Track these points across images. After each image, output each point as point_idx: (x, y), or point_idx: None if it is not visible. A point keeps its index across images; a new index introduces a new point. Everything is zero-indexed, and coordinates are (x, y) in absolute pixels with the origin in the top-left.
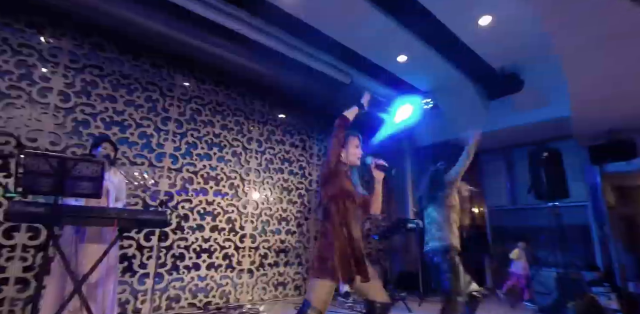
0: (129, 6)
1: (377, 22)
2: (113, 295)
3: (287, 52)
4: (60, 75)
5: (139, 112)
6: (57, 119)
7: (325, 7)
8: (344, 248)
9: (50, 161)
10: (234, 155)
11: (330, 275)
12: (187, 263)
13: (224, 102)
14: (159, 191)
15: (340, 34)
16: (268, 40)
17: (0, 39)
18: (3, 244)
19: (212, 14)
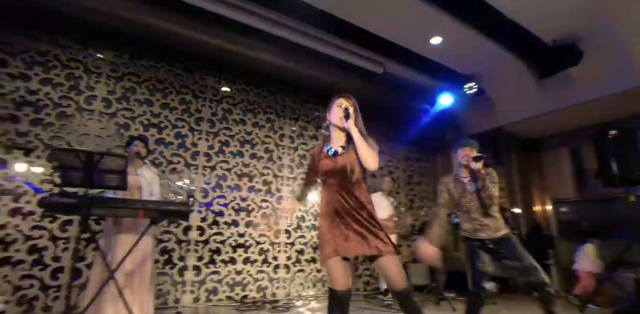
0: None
1: (403, 3)
2: (149, 284)
3: (316, 47)
4: (102, 84)
5: (173, 114)
6: (101, 123)
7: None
8: (328, 229)
9: (79, 156)
10: (266, 152)
11: (322, 254)
12: (223, 257)
13: (255, 101)
14: (195, 188)
15: (367, 22)
16: (295, 36)
17: (52, 56)
18: (58, 237)
19: (240, 15)
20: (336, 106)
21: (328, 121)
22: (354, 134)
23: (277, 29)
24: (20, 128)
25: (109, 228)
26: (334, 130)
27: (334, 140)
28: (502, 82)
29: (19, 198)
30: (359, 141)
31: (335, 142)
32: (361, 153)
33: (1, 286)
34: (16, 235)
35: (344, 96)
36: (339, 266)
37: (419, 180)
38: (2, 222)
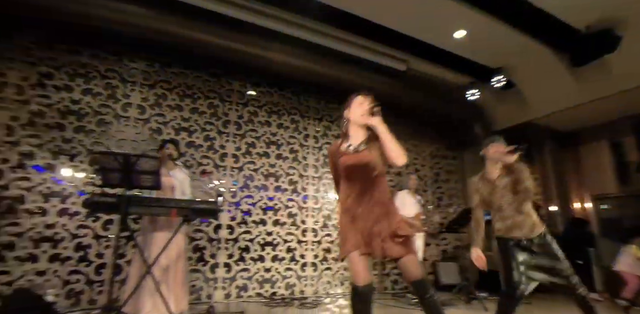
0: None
1: None
2: (183, 278)
3: (338, 47)
4: (137, 92)
5: (202, 118)
6: (136, 129)
7: None
8: (347, 224)
9: (117, 158)
10: (291, 152)
11: (342, 250)
12: (252, 255)
13: (279, 103)
14: (224, 190)
15: (389, 19)
16: (316, 37)
17: (92, 67)
18: (101, 235)
19: (261, 19)
20: (357, 103)
21: (347, 118)
22: (382, 130)
23: (299, 31)
24: (66, 135)
25: (145, 227)
26: (352, 127)
27: (353, 137)
28: (533, 74)
29: (65, 200)
30: (387, 137)
31: (354, 139)
32: (390, 149)
33: (52, 280)
34: (64, 234)
35: (363, 93)
36: (359, 261)
37: (447, 178)
38: (51, 222)
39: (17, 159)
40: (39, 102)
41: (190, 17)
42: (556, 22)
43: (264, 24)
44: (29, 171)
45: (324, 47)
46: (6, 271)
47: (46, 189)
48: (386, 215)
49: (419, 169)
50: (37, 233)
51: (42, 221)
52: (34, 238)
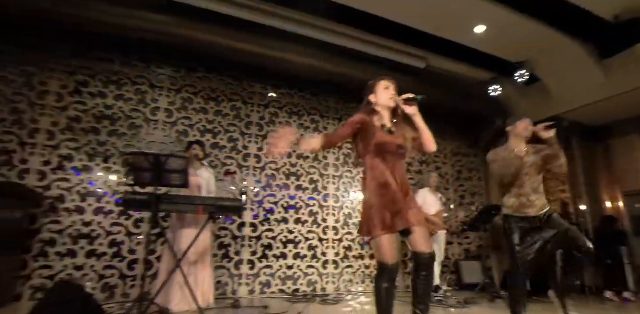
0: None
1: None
2: (210, 272)
3: (356, 47)
4: (164, 97)
5: (226, 120)
6: (164, 131)
7: None
8: (379, 203)
9: (149, 158)
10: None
11: (372, 231)
12: (275, 252)
13: (299, 104)
14: (247, 188)
15: (407, 17)
16: (334, 37)
17: (123, 74)
18: (133, 232)
19: (280, 22)
20: (383, 88)
21: (372, 102)
22: (420, 120)
23: (316, 33)
24: (100, 139)
25: (174, 224)
26: (381, 109)
27: (382, 118)
28: (558, 67)
29: (100, 199)
30: (424, 126)
31: (384, 121)
32: (427, 137)
33: (89, 274)
34: (99, 231)
35: (387, 78)
36: (390, 242)
37: (469, 175)
38: (88, 220)
39: (57, 162)
40: (76, 109)
41: (212, 24)
42: (582, 12)
43: (283, 27)
44: (68, 172)
45: (342, 47)
46: (49, 265)
47: (83, 189)
48: (408, 191)
49: (440, 167)
50: (76, 231)
51: (80, 219)
52: (72, 235)
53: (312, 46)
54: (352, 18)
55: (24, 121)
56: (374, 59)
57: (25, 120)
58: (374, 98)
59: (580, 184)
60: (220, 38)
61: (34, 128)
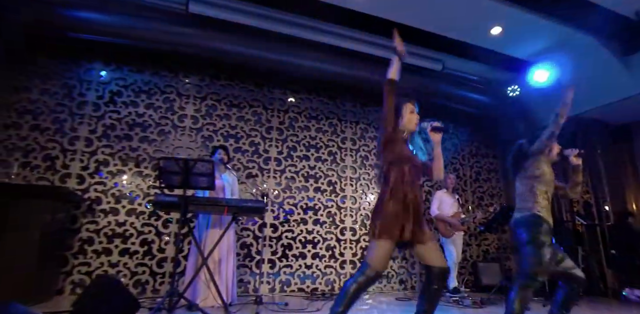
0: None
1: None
2: (233, 270)
3: (372, 51)
4: (191, 104)
5: (247, 125)
6: (191, 137)
7: None
8: (396, 209)
9: (178, 162)
10: (329, 155)
11: (380, 235)
12: (294, 252)
13: (318, 108)
14: (267, 189)
15: (423, 21)
16: (350, 43)
17: (153, 84)
18: (162, 232)
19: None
20: (409, 111)
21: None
22: (439, 150)
23: (333, 39)
24: (132, 145)
25: (200, 224)
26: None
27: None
28: (578, 65)
29: (133, 201)
30: (440, 156)
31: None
32: (439, 167)
33: (122, 271)
34: (132, 231)
35: (412, 100)
36: (388, 250)
37: (488, 176)
38: (122, 221)
39: (94, 167)
40: (110, 117)
41: (233, 34)
42: (601, 10)
43: (301, 35)
44: (105, 176)
45: (359, 52)
46: (87, 262)
47: (117, 191)
48: (420, 209)
49: (459, 169)
50: (111, 230)
51: (114, 219)
52: (108, 235)
53: (329, 52)
54: (368, 23)
55: (65, 129)
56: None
57: (66, 128)
58: (400, 121)
59: (603, 184)
60: (241, 47)
61: (73, 136)
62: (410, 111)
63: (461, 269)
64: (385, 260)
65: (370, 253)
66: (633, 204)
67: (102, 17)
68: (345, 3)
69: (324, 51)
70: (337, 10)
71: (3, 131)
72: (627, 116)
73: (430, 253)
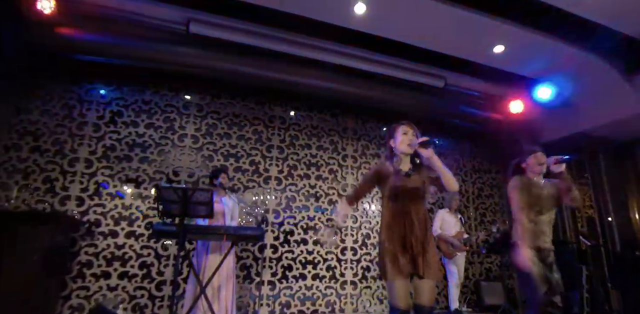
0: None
1: (460, 19)
2: (233, 297)
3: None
4: (191, 123)
5: (248, 144)
6: (191, 157)
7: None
8: (394, 249)
9: (177, 192)
10: (330, 173)
11: (387, 276)
12: (294, 273)
13: (318, 125)
14: (268, 209)
15: (426, 41)
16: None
17: (154, 103)
18: (161, 255)
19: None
20: (401, 133)
21: (392, 147)
22: (437, 162)
23: (334, 57)
24: (132, 165)
25: (199, 250)
26: (399, 155)
27: (401, 163)
28: (582, 83)
29: (132, 223)
30: (443, 168)
31: (403, 165)
32: (447, 178)
33: (121, 295)
34: (131, 253)
35: (406, 122)
36: (401, 286)
37: (490, 193)
38: (121, 243)
39: (94, 188)
40: (111, 137)
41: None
42: (605, 30)
43: (301, 54)
44: (104, 197)
45: (359, 69)
46: (85, 286)
47: (117, 214)
48: (425, 236)
49: (461, 185)
50: (110, 253)
51: (114, 242)
52: (107, 257)
53: (330, 70)
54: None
55: (65, 150)
56: (392, 80)
57: (66, 150)
58: (393, 143)
59: (606, 199)
60: (241, 66)
61: (73, 157)
62: (403, 133)
63: (463, 288)
64: (404, 297)
65: (389, 295)
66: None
67: (103, 38)
68: (347, 23)
69: (326, 69)
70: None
71: (3, 153)
72: (632, 133)
73: (424, 291)
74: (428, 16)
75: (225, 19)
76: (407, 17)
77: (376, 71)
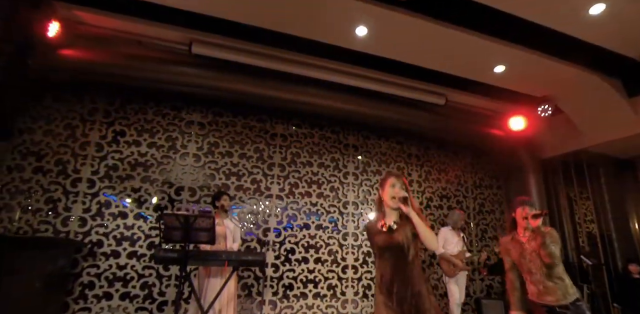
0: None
1: (461, 41)
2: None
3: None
4: (193, 142)
5: (250, 162)
6: (192, 176)
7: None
8: (384, 303)
9: (179, 218)
10: (331, 190)
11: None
12: (295, 292)
13: (320, 142)
14: (269, 228)
15: (427, 61)
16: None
17: (156, 122)
18: (163, 275)
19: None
20: (389, 185)
21: (380, 198)
22: (414, 219)
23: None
24: (134, 185)
25: (200, 274)
26: (386, 206)
27: (387, 215)
28: (583, 102)
29: (134, 243)
30: (419, 225)
31: (389, 217)
32: (424, 236)
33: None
34: (132, 274)
35: (394, 174)
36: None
37: (491, 208)
38: (122, 264)
39: (96, 209)
40: (113, 157)
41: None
42: (605, 52)
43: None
44: (107, 218)
45: (361, 88)
46: (87, 307)
47: (119, 234)
48: (419, 296)
49: (462, 201)
50: (112, 274)
51: (116, 262)
52: (109, 278)
53: (331, 88)
54: (371, 61)
55: (68, 170)
56: (392, 97)
57: (69, 170)
58: (382, 193)
59: (608, 219)
60: (243, 85)
61: (76, 177)
62: (391, 185)
63: (464, 305)
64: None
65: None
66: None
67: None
68: (349, 45)
69: (327, 88)
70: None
71: (6, 174)
72: (633, 151)
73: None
74: (428, 38)
75: (227, 39)
76: (407, 39)
77: (376, 89)
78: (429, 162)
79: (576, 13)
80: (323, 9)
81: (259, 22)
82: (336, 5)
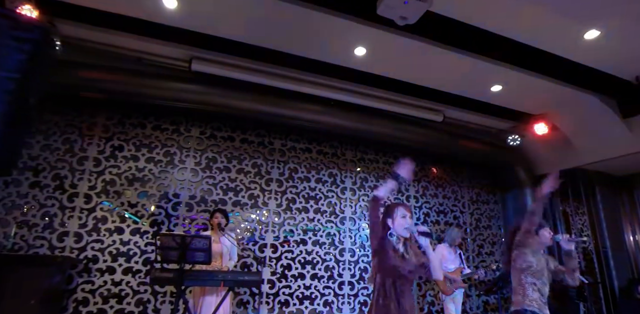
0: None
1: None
2: None
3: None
4: (191, 157)
5: (247, 178)
6: (190, 191)
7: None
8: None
9: (175, 239)
10: (329, 206)
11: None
12: (291, 309)
13: (318, 158)
14: (266, 244)
15: (425, 80)
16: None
17: (154, 137)
18: (158, 291)
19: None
20: (400, 216)
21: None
22: (431, 254)
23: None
24: (131, 200)
25: (195, 290)
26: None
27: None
28: (580, 121)
29: (130, 259)
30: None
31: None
32: (435, 268)
33: None
34: (128, 290)
35: (403, 205)
36: None
37: (488, 224)
38: (117, 280)
39: (93, 224)
40: (110, 172)
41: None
42: (601, 74)
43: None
44: (103, 233)
45: (359, 104)
46: None
47: (115, 249)
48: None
49: (459, 216)
50: (107, 290)
51: (111, 278)
52: (103, 295)
53: (329, 104)
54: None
55: (65, 185)
56: (390, 114)
57: (66, 185)
58: (391, 223)
59: (605, 237)
60: (242, 102)
61: (73, 192)
62: (402, 216)
63: None
64: None
65: None
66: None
67: (107, 76)
68: (348, 64)
69: (325, 104)
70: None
71: (3, 189)
72: (628, 169)
73: None
74: (426, 59)
75: (227, 56)
76: (405, 60)
77: (374, 106)
78: (426, 177)
79: (572, 38)
80: (322, 30)
81: (258, 41)
82: (335, 27)
